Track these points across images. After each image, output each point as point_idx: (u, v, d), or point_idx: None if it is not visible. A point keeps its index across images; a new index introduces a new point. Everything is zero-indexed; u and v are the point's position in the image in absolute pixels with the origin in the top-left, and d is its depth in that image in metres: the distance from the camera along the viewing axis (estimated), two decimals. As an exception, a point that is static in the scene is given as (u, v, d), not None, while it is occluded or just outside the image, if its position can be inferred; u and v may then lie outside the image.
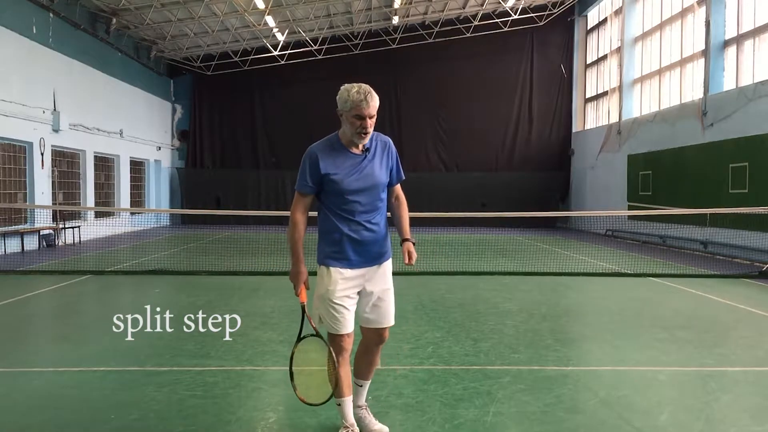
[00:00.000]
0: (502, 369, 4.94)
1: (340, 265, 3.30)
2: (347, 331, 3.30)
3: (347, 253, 3.30)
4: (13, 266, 11.24)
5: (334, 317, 3.27)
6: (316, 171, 3.27)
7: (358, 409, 3.58)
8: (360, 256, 3.33)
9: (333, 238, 3.32)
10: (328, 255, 3.33)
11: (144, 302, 8.22)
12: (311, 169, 3.28)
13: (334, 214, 3.32)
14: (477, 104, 25.27)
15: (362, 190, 3.30)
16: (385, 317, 3.43)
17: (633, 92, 20.68)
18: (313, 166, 3.28)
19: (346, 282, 3.30)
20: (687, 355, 5.54)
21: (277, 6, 19.36)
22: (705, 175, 15.34)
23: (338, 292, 3.27)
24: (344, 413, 3.38)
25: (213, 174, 25.25)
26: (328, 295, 3.27)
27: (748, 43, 14.73)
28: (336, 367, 3.20)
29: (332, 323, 3.28)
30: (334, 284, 3.27)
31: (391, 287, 3.47)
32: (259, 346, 5.62)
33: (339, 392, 3.30)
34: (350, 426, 3.37)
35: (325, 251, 3.35)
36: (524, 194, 23.77)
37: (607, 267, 11.91)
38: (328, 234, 3.35)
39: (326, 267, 3.32)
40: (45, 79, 15.40)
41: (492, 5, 23.42)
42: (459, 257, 13.34)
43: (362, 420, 3.54)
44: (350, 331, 3.32)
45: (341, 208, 3.30)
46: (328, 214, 3.35)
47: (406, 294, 8.45)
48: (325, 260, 3.33)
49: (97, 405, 4.08)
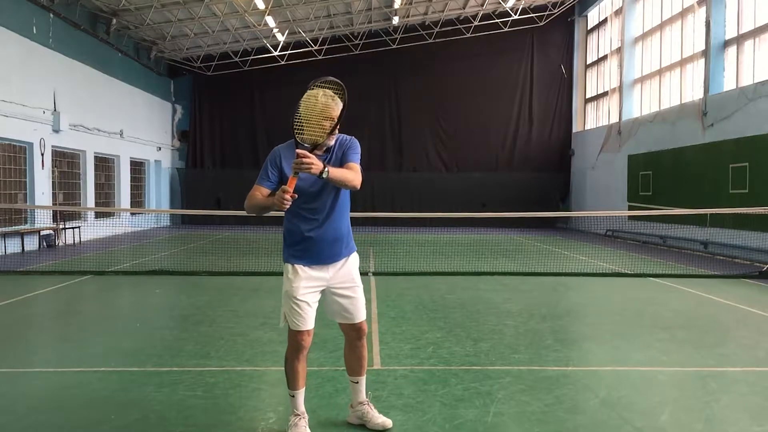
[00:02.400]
0: (503, 369, 4.94)
1: (302, 263, 3.44)
2: (307, 328, 3.42)
3: (309, 252, 3.44)
4: (14, 266, 11.24)
5: (296, 313, 3.39)
6: (277, 168, 3.41)
7: (360, 405, 3.69)
8: (322, 254, 3.45)
9: (295, 238, 3.47)
10: (291, 254, 3.47)
11: (144, 302, 8.26)
12: (272, 167, 3.42)
13: (295, 215, 3.44)
14: (477, 104, 25.28)
15: (319, 192, 3.39)
16: (356, 313, 3.56)
17: (633, 92, 20.68)
18: (275, 163, 3.42)
19: (309, 280, 3.43)
20: (687, 355, 5.54)
21: (277, 6, 19.36)
22: (705, 175, 15.34)
23: (301, 289, 3.40)
24: (296, 403, 3.53)
25: (213, 174, 25.26)
26: (292, 291, 3.40)
27: (749, 43, 14.73)
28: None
29: (294, 319, 3.40)
30: (298, 281, 3.41)
31: (359, 284, 3.58)
32: (260, 347, 5.62)
33: (294, 385, 3.48)
34: (301, 414, 3.53)
35: (288, 251, 3.49)
36: (524, 194, 23.77)
37: (607, 267, 11.91)
38: (290, 234, 3.49)
39: (290, 265, 3.46)
40: (45, 80, 15.41)
41: (492, 5, 23.42)
42: (459, 257, 13.34)
43: (365, 415, 3.66)
44: (310, 328, 3.44)
45: (301, 207, 3.39)
46: (290, 215, 3.46)
47: (406, 294, 8.46)
48: (289, 258, 3.48)
49: (98, 405, 4.08)
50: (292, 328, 3.42)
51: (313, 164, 3.06)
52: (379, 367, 4.94)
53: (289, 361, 3.48)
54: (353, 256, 3.61)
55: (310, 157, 3.07)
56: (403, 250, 14.69)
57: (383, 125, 25.33)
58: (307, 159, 3.05)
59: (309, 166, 3.05)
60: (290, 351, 3.47)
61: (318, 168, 3.07)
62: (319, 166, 3.08)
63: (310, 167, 3.05)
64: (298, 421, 3.49)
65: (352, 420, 3.75)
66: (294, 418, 3.51)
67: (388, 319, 6.85)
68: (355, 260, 3.63)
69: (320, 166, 3.09)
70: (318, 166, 3.08)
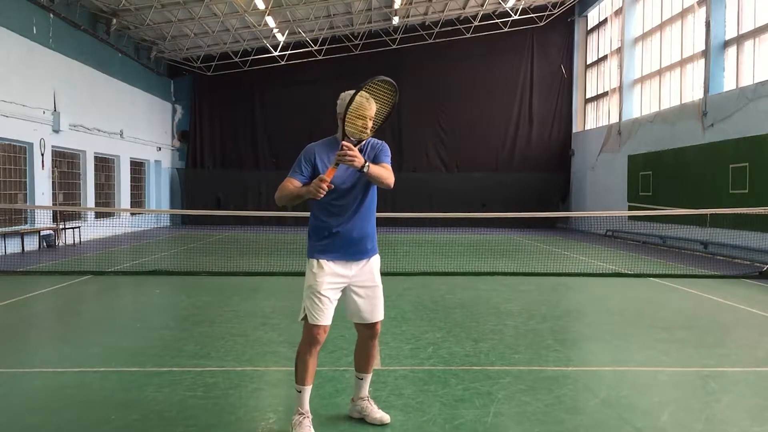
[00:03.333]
0: (503, 369, 4.94)
1: (327, 257, 3.50)
2: (325, 323, 3.46)
3: (334, 248, 3.50)
4: (14, 267, 11.24)
5: (317, 306, 3.44)
6: (310, 163, 3.51)
7: (361, 400, 3.80)
8: (347, 252, 3.52)
9: (322, 234, 3.53)
10: (316, 249, 3.54)
11: (144, 303, 8.26)
12: (306, 162, 3.52)
13: (323, 211, 3.51)
14: (477, 105, 25.28)
15: (350, 189, 3.49)
16: (374, 312, 3.63)
17: (633, 93, 20.68)
18: (309, 159, 3.52)
19: (332, 276, 3.49)
20: (687, 355, 5.53)
21: (278, 6, 19.36)
22: (705, 175, 15.34)
23: (325, 284, 3.46)
24: (302, 401, 3.53)
25: (213, 174, 25.25)
26: (315, 286, 3.46)
27: (749, 43, 14.73)
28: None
29: (314, 312, 3.44)
30: (322, 276, 3.47)
31: (379, 284, 3.65)
32: (260, 347, 5.62)
33: (302, 380, 3.49)
34: (305, 413, 3.52)
35: (314, 246, 3.56)
36: (524, 194, 23.77)
37: (607, 267, 11.91)
38: (317, 230, 3.56)
39: (315, 260, 3.52)
40: (45, 80, 15.40)
41: (492, 6, 23.42)
42: (459, 258, 13.33)
43: (365, 409, 3.78)
44: (327, 323, 3.48)
45: (332, 203, 3.47)
46: (317, 211, 3.54)
47: (406, 294, 8.45)
48: (314, 254, 3.54)
49: (98, 405, 4.08)
50: (311, 321, 3.45)
51: (356, 157, 3.19)
52: (379, 368, 4.93)
53: (301, 355, 3.50)
54: (376, 257, 3.68)
55: (354, 150, 3.21)
56: (403, 250, 14.69)
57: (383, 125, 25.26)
58: (352, 152, 3.19)
59: (353, 159, 3.18)
60: (304, 345, 3.49)
61: (360, 162, 3.22)
62: (362, 160, 3.23)
63: (353, 160, 3.19)
64: (303, 420, 3.49)
65: (352, 413, 3.83)
66: (298, 416, 3.51)
67: (388, 319, 6.80)
68: (377, 261, 3.70)
69: (362, 161, 3.24)
70: (360, 160, 3.22)
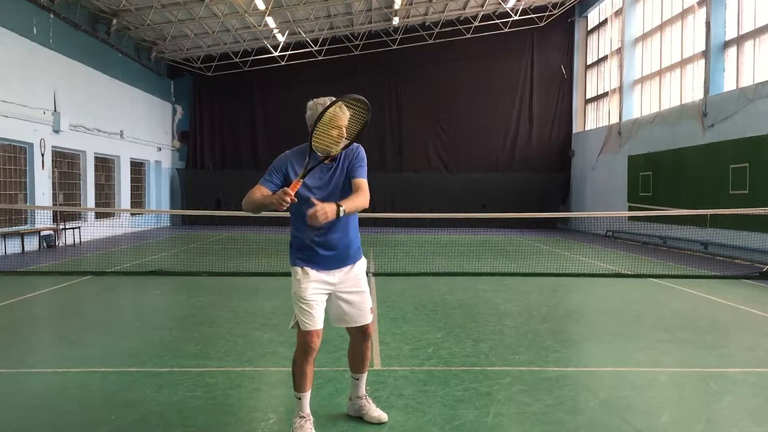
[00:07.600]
0: (503, 370, 4.94)
1: (309, 266, 3.50)
2: (316, 328, 3.44)
3: (315, 256, 3.49)
4: (14, 267, 11.24)
5: (305, 312, 3.44)
6: (281, 173, 3.45)
7: (358, 399, 3.82)
8: (328, 259, 3.51)
9: (302, 243, 3.52)
10: (298, 257, 3.53)
11: (144, 303, 8.26)
12: (276, 171, 3.46)
13: (301, 221, 3.42)
14: (477, 105, 25.27)
15: (326, 198, 3.38)
16: (360, 317, 3.62)
17: (633, 93, 20.68)
18: (280, 168, 3.47)
19: (316, 283, 3.48)
20: (687, 356, 5.53)
21: (278, 7, 19.36)
22: (705, 176, 15.33)
23: (310, 289, 3.46)
24: (302, 406, 3.54)
25: (213, 175, 25.24)
26: (300, 292, 3.45)
27: (749, 43, 14.73)
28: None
29: (304, 318, 3.44)
30: (307, 282, 3.47)
31: (365, 289, 3.64)
32: (260, 347, 5.62)
33: (301, 387, 3.49)
34: (306, 416, 3.53)
35: (295, 254, 3.55)
36: (524, 195, 23.76)
37: (607, 268, 11.91)
38: (297, 238, 3.55)
39: (299, 268, 3.51)
40: (45, 80, 15.41)
41: (492, 6, 23.42)
42: (459, 258, 13.34)
43: (363, 408, 3.80)
44: (319, 328, 3.46)
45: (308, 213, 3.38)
46: (296, 220, 3.52)
47: (406, 295, 8.45)
48: (297, 262, 3.53)
49: (98, 406, 4.08)
50: (302, 328, 3.44)
51: (327, 213, 3.09)
52: (380, 368, 4.94)
53: (298, 363, 3.48)
54: (361, 261, 3.67)
55: (321, 207, 3.08)
56: (403, 251, 14.69)
57: (383, 126, 25.30)
58: (320, 212, 3.07)
59: (325, 217, 3.08)
60: (299, 353, 3.48)
61: (333, 214, 3.12)
62: (333, 211, 3.12)
63: (326, 218, 3.09)
64: (304, 423, 3.50)
65: (350, 412, 3.86)
66: (299, 420, 3.51)
67: (388, 319, 6.85)
68: (362, 265, 3.68)
69: (334, 211, 3.13)
70: (332, 212, 3.12)
